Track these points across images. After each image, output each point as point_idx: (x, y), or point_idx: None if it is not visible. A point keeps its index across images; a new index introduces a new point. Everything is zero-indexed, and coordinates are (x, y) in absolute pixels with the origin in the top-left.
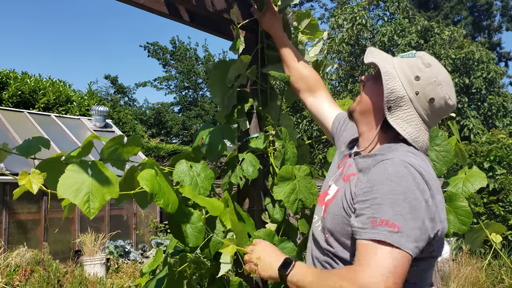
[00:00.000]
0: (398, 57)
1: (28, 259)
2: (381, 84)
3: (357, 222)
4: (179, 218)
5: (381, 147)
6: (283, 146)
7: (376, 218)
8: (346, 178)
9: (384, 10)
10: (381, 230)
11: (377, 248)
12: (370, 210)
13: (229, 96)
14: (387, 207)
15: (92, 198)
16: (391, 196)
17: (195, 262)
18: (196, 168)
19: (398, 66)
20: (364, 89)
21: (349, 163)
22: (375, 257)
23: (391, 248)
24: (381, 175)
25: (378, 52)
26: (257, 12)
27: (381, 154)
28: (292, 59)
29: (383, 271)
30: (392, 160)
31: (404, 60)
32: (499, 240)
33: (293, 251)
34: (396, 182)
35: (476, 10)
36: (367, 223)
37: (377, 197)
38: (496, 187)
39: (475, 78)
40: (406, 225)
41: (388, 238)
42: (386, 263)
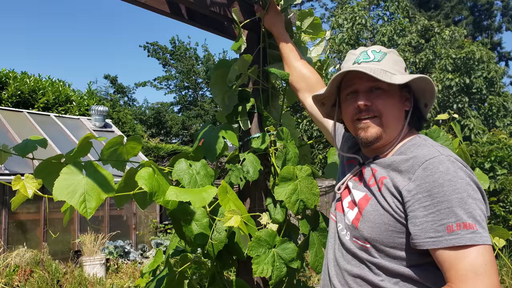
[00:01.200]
0: (381, 62)
1: (27, 259)
2: (395, 93)
3: (425, 232)
4: (182, 216)
5: (403, 143)
6: (285, 146)
7: (451, 223)
8: (376, 183)
9: (384, 9)
10: (462, 234)
11: (464, 254)
12: (438, 215)
13: (230, 96)
14: (457, 208)
15: (88, 198)
16: (456, 196)
17: (196, 262)
18: (195, 167)
19: (394, 68)
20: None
21: (370, 168)
22: (467, 265)
23: (477, 248)
24: (436, 177)
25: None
26: (260, 10)
27: (413, 152)
28: (293, 59)
29: (481, 278)
30: (437, 158)
31: (388, 61)
32: (502, 244)
33: (294, 252)
34: (455, 180)
35: (477, 10)
36: (440, 231)
37: (442, 200)
38: (497, 188)
39: (475, 78)
40: (479, 221)
41: (471, 240)
42: (480, 268)
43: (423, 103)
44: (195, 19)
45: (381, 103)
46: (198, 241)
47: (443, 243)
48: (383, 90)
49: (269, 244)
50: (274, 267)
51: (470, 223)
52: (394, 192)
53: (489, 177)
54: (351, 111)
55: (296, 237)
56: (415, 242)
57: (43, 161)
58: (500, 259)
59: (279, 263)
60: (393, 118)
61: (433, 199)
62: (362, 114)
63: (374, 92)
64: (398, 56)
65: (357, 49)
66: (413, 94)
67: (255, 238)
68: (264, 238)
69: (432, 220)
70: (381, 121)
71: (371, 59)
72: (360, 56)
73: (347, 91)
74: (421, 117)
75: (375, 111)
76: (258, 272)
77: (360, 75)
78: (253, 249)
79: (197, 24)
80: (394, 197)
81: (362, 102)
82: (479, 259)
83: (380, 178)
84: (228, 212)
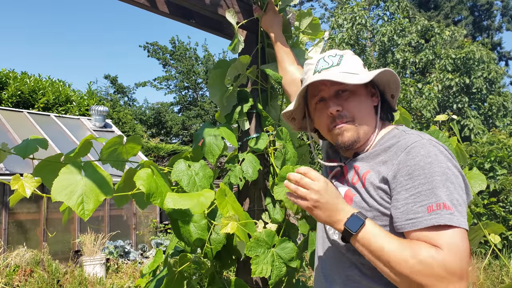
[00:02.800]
0: (340, 65)
1: (27, 259)
2: (362, 92)
3: (406, 214)
4: (180, 217)
5: (382, 136)
6: (284, 146)
7: (431, 203)
8: (359, 179)
9: (384, 9)
10: (441, 214)
11: (444, 233)
12: (419, 197)
13: (229, 96)
14: (438, 189)
15: (86, 199)
16: (437, 178)
17: (195, 262)
18: (194, 167)
19: (355, 67)
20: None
21: (352, 167)
22: (447, 240)
23: (455, 229)
24: (417, 160)
25: (332, 73)
26: (258, 11)
27: (394, 142)
28: (287, 62)
29: (458, 255)
30: (419, 142)
31: (346, 62)
32: (498, 240)
33: (293, 252)
34: (435, 164)
35: (477, 10)
36: (420, 211)
37: (423, 182)
38: (497, 188)
39: (475, 78)
40: (456, 205)
41: (450, 221)
42: (459, 246)
43: (390, 94)
44: (194, 20)
45: (351, 105)
46: (196, 242)
47: (423, 223)
48: (349, 92)
49: (268, 244)
50: (273, 267)
51: (449, 205)
52: (378, 184)
53: (489, 177)
54: (325, 120)
55: (296, 237)
56: (396, 225)
57: (42, 160)
58: (500, 260)
59: (278, 262)
60: (366, 116)
61: (414, 181)
62: (336, 122)
63: (341, 95)
64: (354, 55)
65: (312, 59)
66: (378, 88)
67: (254, 238)
68: (263, 238)
69: (413, 201)
70: (354, 123)
71: (330, 65)
72: (319, 65)
73: (314, 100)
74: (391, 109)
75: (348, 116)
76: (258, 272)
77: (324, 82)
78: (252, 249)
79: (196, 24)
80: (379, 189)
81: (333, 108)
82: (455, 238)
83: (364, 173)
84: (225, 218)
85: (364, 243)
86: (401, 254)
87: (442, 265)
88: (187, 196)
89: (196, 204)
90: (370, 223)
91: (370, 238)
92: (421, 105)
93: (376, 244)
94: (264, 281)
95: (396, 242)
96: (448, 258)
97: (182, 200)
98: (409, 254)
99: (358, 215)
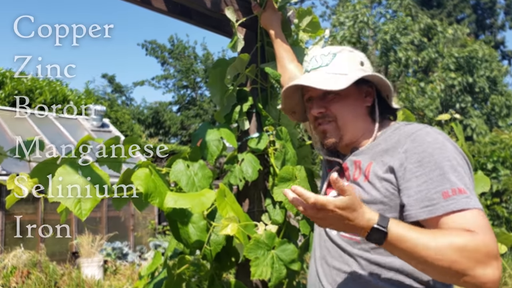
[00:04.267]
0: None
1: (24, 260)
2: (350, 92)
3: (420, 201)
4: (179, 218)
5: (384, 131)
6: (284, 146)
7: (446, 189)
8: (362, 173)
9: (386, 8)
10: (458, 199)
11: (463, 216)
12: (432, 183)
13: (228, 96)
14: (450, 174)
15: (83, 199)
16: (447, 163)
17: (194, 264)
18: (193, 168)
19: (345, 67)
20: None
21: (353, 162)
22: (471, 223)
23: (473, 211)
24: (425, 146)
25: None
26: (257, 8)
27: (396, 133)
28: (286, 60)
29: (489, 232)
30: (424, 130)
31: (337, 62)
32: (504, 250)
33: (294, 253)
34: (444, 149)
35: (480, 8)
36: (435, 198)
37: (434, 168)
38: (500, 189)
39: (478, 77)
40: (469, 188)
41: (467, 204)
42: (484, 226)
43: (385, 94)
44: (193, 17)
45: (336, 107)
46: (195, 244)
47: (440, 210)
48: (336, 93)
49: (268, 245)
50: (273, 269)
51: (464, 188)
52: (383, 175)
53: (492, 178)
54: (311, 119)
55: (296, 238)
56: (410, 214)
57: (40, 162)
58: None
59: (278, 264)
60: (351, 118)
61: (425, 168)
62: (318, 121)
63: (328, 97)
64: (351, 52)
65: (310, 53)
66: (376, 87)
67: (253, 240)
68: (262, 239)
69: (426, 188)
70: (337, 125)
71: (319, 65)
72: (310, 64)
73: (305, 98)
74: (389, 108)
75: (330, 116)
76: (257, 274)
77: None
78: (251, 251)
79: (195, 22)
80: (384, 180)
81: (316, 110)
82: (479, 219)
83: (367, 166)
84: (225, 219)
85: (393, 247)
86: (437, 247)
87: (481, 249)
88: (188, 196)
89: (197, 203)
90: (394, 223)
91: (399, 241)
92: (423, 105)
93: (407, 244)
94: (264, 283)
95: (427, 235)
96: (485, 239)
97: (183, 200)
98: (445, 244)
99: (378, 226)
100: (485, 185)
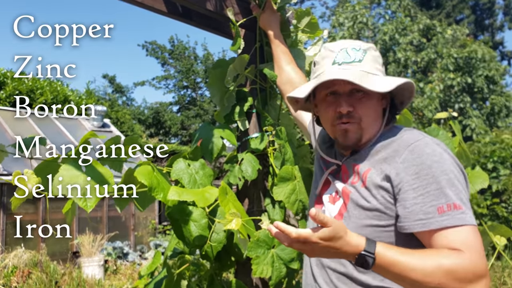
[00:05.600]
0: (362, 63)
1: (25, 260)
2: (375, 94)
3: (415, 214)
4: (181, 217)
5: (382, 134)
6: (283, 146)
7: (441, 204)
8: (360, 179)
9: (385, 8)
10: (452, 215)
11: (456, 233)
12: (428, 197)
13: (228, 96)
14: (447, 189)
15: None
16: (444, 177)
17: (194, 264)
18: (194, 166)
19: (376, 67)
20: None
21: (351, 166)
22: (462, 240)
23: (467, 227)
24: (423, 158)
25: (356, 74)
26: (256, 9)
27: (394, 138)
28: (283, 61)
29: (479, 252)
30: (422, 141)
31: (368, 59)
32: (503, 242)
33: (293, 252)
34: (442, 162)
35: (479, 9)
36: (430, 212)
37: (431, 182)
38: (499, 189)
39: (477, 77)
40: (465, 202)
41: (462, 221)
42: (475, 245)
43: (400, 101)
44: (192, 18)
45: (362, 107)
46: (196, 242)
47: (434, 225)
48: (364, 93)
49: (268, 244)
50: (273, 268)
51: (459, 204)
52: (380, 183)
53: (492, 178)
54: (332, 114)
55: None
56: (404, 225)
57: (43, 161)
58: (503, 260)
59: (278, 263)
60: (373, 120)
61: (422, 180)
62: (342, 119)
63: (355, 95)
64: (376, 51)
65: (334, 44)
66: (390, 92)
67: (254, 239)
68: (263, 238)
69: (422, 202)
70: (360, 126)
71: (352, 60)
72: (340, 56)
73: (326, 91)
74: (396, 113)
75: (356, 117)
76: (258, 272)
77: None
78: (252, 249)
79: (195, 23)
80: (381, 188)
81: (344, 108)
82: (471, 236)
83: (364, 172)
84: (229, 214)
85: (382, 271)
86: (425, 270)
87: (468, 269)
88: (191, 191)
89: (201, 198)
90: (381, 248)
91: (388, 266)
92: (422, 105)
93: (396, 268)
94: (264, 282)
95: (415, 258)
96: (473, 259)
97: (187, 194)
98: (433, 267)
99: (365, 253)
100: (483, 181)
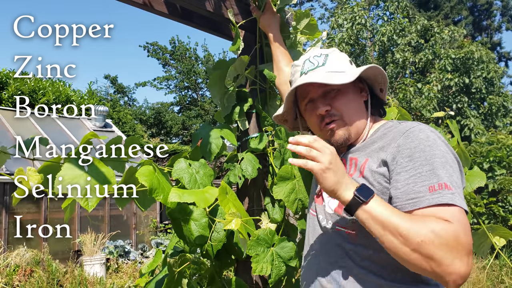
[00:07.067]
0: (326, 65)
1: (27, 259)
2: (349, 89)
3: (406, 194)
4: (181, 216)
5: (377, 129)
6: (283, 146)
7: (433, 184)
8: (357, 170)
9: (384, 9)
10: (443, 193)
11: (446, 210)
12: (420, 177)
13: (228, 96)
14: (439, 170)
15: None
16: (437, 160)
17: (195, 263)
18: (194, 166)
19: (341, 65)
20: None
21: (349, 159)
22: (451, 215)
23: (457, 208)
24: (416, 143)
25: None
26: (256, 10)
27: (390, 131)
28: (282, 62)
29: (465, 228)
30: (418, 127)
31: (331, 61)
32: (503, 243)
33: (292, 251)
34: (435, 147)
35: (476, 10)
36: (422, 191)
37: (424, 164)
38: (496, 188)
39: (475, 78)
40: (456, 186)
41: (452, 200)
42: (462, 220)
43: (378, 89)
44: (193, 20)
45: (340, 103)
46: (197, 241)
47: (425, 202)
48: (337, 91)
49: (267, 243)
50: (273, 266)
51: (450, 185)
52: (376, 169)
53: (488, 177)
54: (315, 120)
55: (295, 236)
56: (396, 205)
57: (45, 162)
58: (500, 258)
59: (278, 261)
60: (355, 112)
61: (414, 162)
62: (325, 120)
63: (329, 95)
64: (340, 53)
65: (299, 60)
66: (367, 83)
67: (254, 237)
68: (263, 237)
69: (414, 182)
70: (344, 121)
71: (315, 66)
72: (305, 66)
73: (304, 102)
74: (381, 103)
75: (336, 114)
76: (258, 270)
77: (311, 83)
78: (252, 248)
79: (196, 25)
80: (376, 174)
81: (322, 109)
82: (461, 216)
83: (363, 163)
84: (229, 214)
85: (372, 213)
86: (412, 224)
87: (453, 236)
88: (191, 192)
89: (201, 199)
90: (379, 196)
91: (380, 207)
92: (420, 105)
93: (385, 212)
94: (264, 280)
95: (405, 214)
96: (459, 229)
97: (187, 195)
98: (420, 224)
99: (368, 186)
100: (481, 180)
